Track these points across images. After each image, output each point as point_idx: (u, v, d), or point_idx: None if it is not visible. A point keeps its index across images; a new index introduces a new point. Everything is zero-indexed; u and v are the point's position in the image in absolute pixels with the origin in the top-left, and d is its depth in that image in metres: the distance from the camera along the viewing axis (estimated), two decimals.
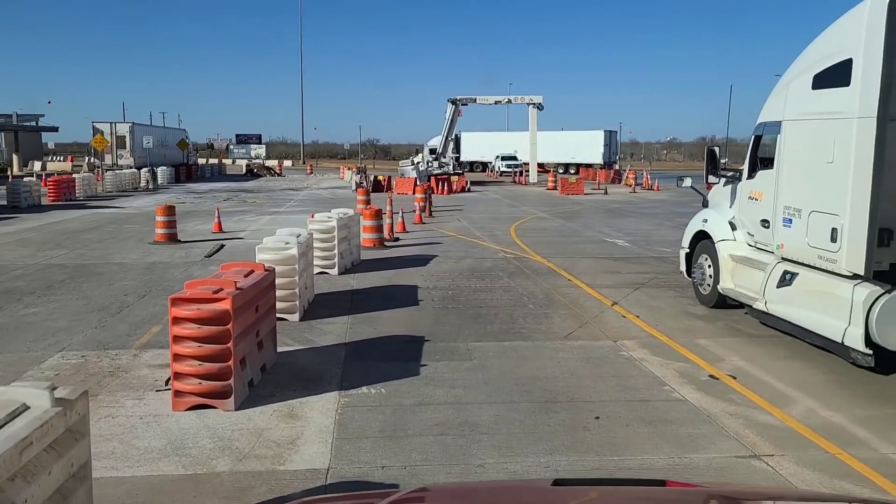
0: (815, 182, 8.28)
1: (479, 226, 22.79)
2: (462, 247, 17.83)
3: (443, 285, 12.75)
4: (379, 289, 12.53)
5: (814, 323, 8.04)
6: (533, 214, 27.05)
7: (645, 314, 10.59)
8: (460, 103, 44.62)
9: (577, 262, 15.40)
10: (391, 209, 19.53)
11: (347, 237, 14.43)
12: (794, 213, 8.63)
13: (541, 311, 10.74)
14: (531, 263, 15.27)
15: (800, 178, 8.65)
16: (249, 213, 26.78)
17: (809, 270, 8.35)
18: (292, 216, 25.90)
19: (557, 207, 30.24)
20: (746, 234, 10.14)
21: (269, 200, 33.90)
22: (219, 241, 18.58)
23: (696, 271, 11.26)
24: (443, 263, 15.17)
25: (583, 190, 38.79)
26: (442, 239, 19.35)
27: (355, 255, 15.08)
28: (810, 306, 8.16)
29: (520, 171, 58.23)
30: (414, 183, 38.10)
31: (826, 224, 7.92)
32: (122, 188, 39.89)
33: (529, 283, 12.95)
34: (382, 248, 17.36)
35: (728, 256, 10.31)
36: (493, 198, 36.59)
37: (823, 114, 8.08)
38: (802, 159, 8.60)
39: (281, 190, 42.40)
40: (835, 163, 7.81)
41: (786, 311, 8.61)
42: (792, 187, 8.79)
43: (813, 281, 8.23)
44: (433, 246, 17.92)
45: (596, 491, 2.57)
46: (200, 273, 13.73)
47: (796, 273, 8.56)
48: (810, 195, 8.37)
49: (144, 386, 7.30)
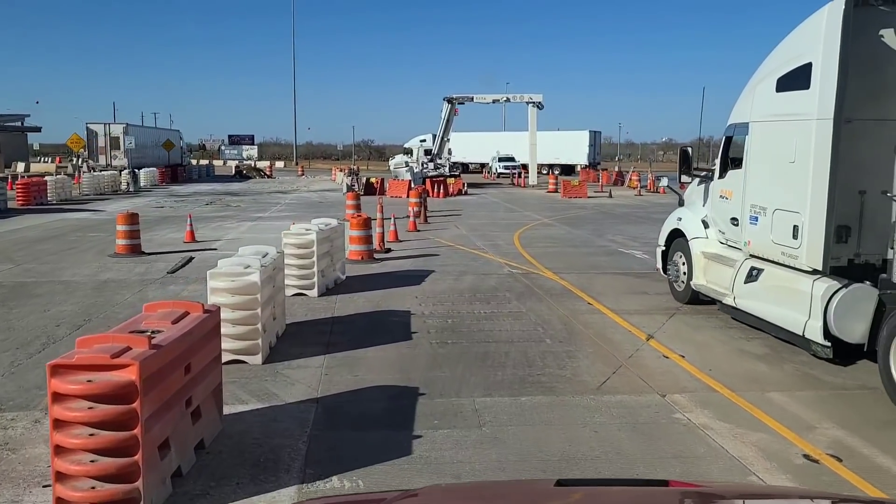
0: (779, 181, 8.60)
1: (479, 233, 20.80)
2: (461, 259, 15.84)
3: (440, 310, 10.76)
4: (365, 315, 10.53)
5: (777, 317, 8.43)
6: (536, 220, 25.08)
7: (691, 353, 8.61)
8: (457, 102, 42.67)
9: (594, 280, 13.43)
10: (382, 217, 17.50)
11: (330, 252, 12.43)
12: (760, 211, 8.93)
13: (562, 349, 8.75)
14: (541, 281, 13.29)
15: (765, 178, 8.95)
16: (230, 219, 24.75)
17: (774, 266, 8.69)
18: (276, 223, 23.88)
19: (561, 212, 28.27)
20: (718, 231, 10.39)
21: (254, 204, 31.86)
22: (188, 253, 16.55)
23: (671, 268, 11.50)
24: (440, 281, 13.17)
25: (586, 193, 36.83)
26: (439, 250, 17.36)
27: (339, 272, 13.07)
28: (774, 301, 8.53)
29: (518, 172, 56.37)
30: (408, 186, 36.11)
31: (788, 221, 8.23)
32: (100, 191, 37.77)
33: (543, 308, 10.96)
34: (372, 261, 15.36)
35: (700, 254, 10.57)
36: (491, 201, 34.61)
37: (786, 115, 8.37)
38: (767, 159, 8.89)
39: (268, 193, 40.35)
40: (796, 162, 8.10)
41: (752, 306, 8.99)
42: (758, 186, 9.07)
43: (777, 276, 8.57)
44: (429, 259, 15.92)
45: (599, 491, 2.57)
46: (157, 295, 11.72)
47: (762, 269, 8.90)
48: (774, 194, 8.68)
49: (31, 476, 5.28)
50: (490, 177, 61.04)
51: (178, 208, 29.66)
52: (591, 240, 19.54)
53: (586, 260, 15.76)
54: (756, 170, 9.17)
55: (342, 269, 13.27)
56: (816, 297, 7.69)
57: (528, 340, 9.13)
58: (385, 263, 15.28)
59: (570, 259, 16.02)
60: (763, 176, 9.01)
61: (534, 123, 44.73)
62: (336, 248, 12.83)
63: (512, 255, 16.58)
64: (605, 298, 11.68)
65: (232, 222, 23.84)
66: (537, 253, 16.77)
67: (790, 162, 8.24)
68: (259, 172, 61.72)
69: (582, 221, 24.64)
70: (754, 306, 8.97)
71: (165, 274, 13.88)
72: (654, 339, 9.23)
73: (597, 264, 15.09)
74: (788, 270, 8.40)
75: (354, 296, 11.83)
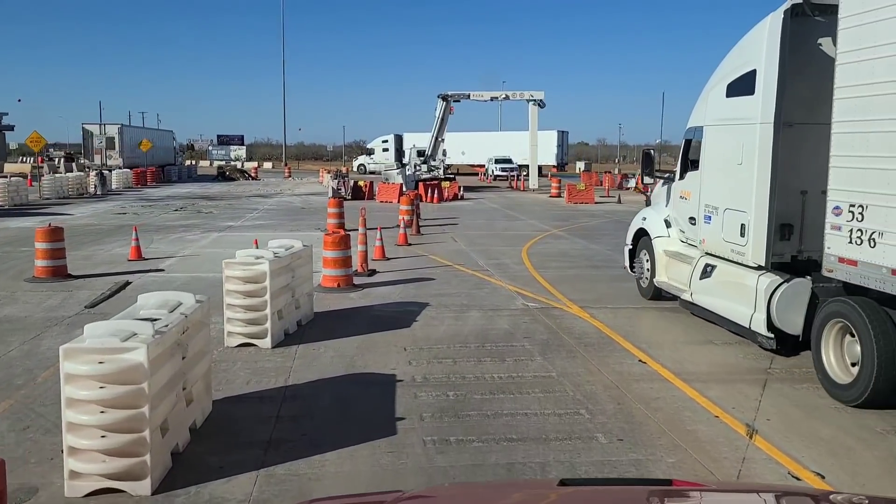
0: (729, 182, 9.04)
1: (481, 248, 17.76)
2: (462, 286, 12.79)
3: (437, 374, 7.72)
4: (331, 385, 7.47)
5: (728, 311, 8.86)
6: (543, 231, 22.05)
7: (829, 465, 5.58)
8: (452, 100, 39.61)
9: (636, 319, 10.43)
10: (364, 231, 14.42)
11: (291, 286, 9.38)
12: (713, 211, 9.33)
13: (626, 457, 5.70)
14: (568, 320, 10.26)
15: (717, 179, 9.39)
16: (195, 230, 21.63)
17: (725, 263, 9.07)
18: (247, 233, 20.81)
19: (570, 221, 25.25)
20: (679, 231, 10.69)
21: (228, 210, 28.74)
22: (127, 276, 13.47)
23: (637, 266, 11.81)
24: (436, 322, 10.13)
25: (593, 198, 33.83)
26: (434, 272, 14.31)
27: (306, 309, 10.01)
28: (725, 296, 8.96)
29: (515, 175, 53.39)
30: (399, 190, 33.09)
31: (737, 220, 8.68)
32: (62, 194, 34.54)
33: (580, 370, 7.93)
34: (351, 289, 12.30)
35: (662, 252, 10.88)
36: (490, 207, 31.57)
37: (734, 119, 8.85)
38: (719, 161, 9.31)
39: (248, 197, 37.22)
40: (743, 164, 8.58)
41: (707, 301, 9.40)
42: (711, 187, 9.51)
43: (727, 273, 8.97)
44: (422, 285, 12.87)
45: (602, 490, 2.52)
46: (53, 344, 8.62)
47: (715, 266, 9.28)
48: (725, 194, 9.10)
49: None
50: (486, 179, 58.02)
51: (142, 215, 26.52)
52: (614, 258, 16.48)
53: (617, 288, 12.72)
54: (709, 171, 9.62)
55: (309, 305, 10.19)
56: (761, 292, 8.11)
57: (571, 436, 6.07)
58: (367, 292, 12.22)
59: (596, 285, 12.99)
60: (715, 177, 9.46)
61: (534, 122, 41.74)
62: (300, 280, 9.76)
63: (523, 279, 13.54)
64: (659, 351, 8.65)
65: (196, 233, 20.73)
66: (554, 277, 13.73)
67: (738, 164, 8.69)
68: (243, 174, 58.51)
69: (596, 233, 21.60)
70: (708, 301, 9.40)
71: (84, 308, 10.80)
72: (758, 434, 6.18)
73: (632, 294, 12.06)
74: (737, 267, 8.81)
75: (322, 347, 8.77)
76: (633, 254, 12.05)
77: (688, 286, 9.88)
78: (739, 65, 8.79)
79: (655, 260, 11.04)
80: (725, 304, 8.94)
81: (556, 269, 14.74)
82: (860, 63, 6.73)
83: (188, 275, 13.53)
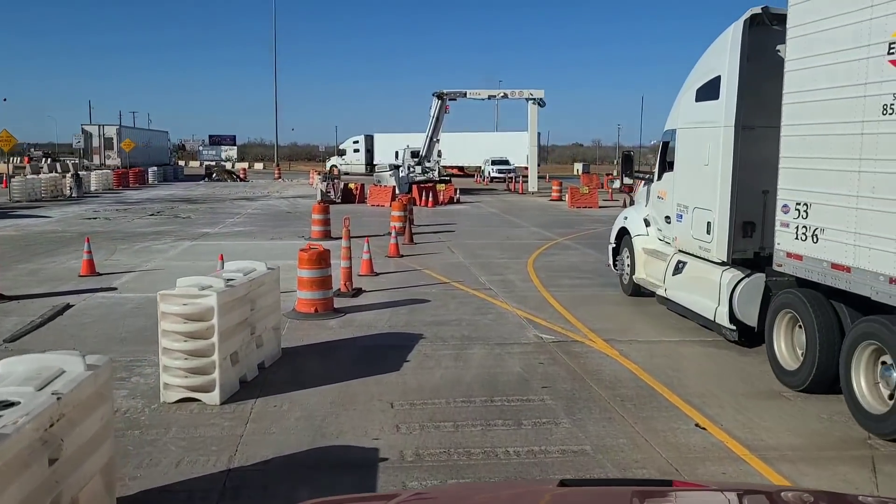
0: (697, 182, 9.45)
1: (481, 261, 15.85)
2: (462, 310, 10.89)
3: (434, 449, 5.79)
4: (289, 468, 5.53)
5: (696, 304, 9.26)
6: (548, 239, 20.15)
7: None
8: (448, 98, 37.71)
9: (679, 358, 8.54)
10: (348, 244, 12.46)
11: (250, 321, 7.45)
12: (684, 210, 9.78)
13: None
14: (593, 359, 8.37)
15: (687, 179, 9.81)
16: (166, 237, 19.66)
17: (694, 259, 9.55)
18: (224, 242, 18.92)
19: (575, 228, 23.35)
20: (657, 229, 11.03)
21: (207, 215, 26.77)
22: (70, 296, 11.52)
23: (619, 264, 12.20)
24: (431, 363, 8.21)
25: (597, 202, 31.94)
26: (429, 291, 12.40)
27: (271, 347, 8.08)
28: (694, 290, 9.39)
29: (513, 176, 51.53)
30: (392, 193, 31.15)
31: (703, 218, 9.10)
32: (34, 197, 32.52)
33: (622, 442, 6.00)
34: (330, 314, 10.38)
35: (641, 250, 11.31)
36: (488, 212, 29.67)
37: (702, 123, 9.25)
38: (689, 162, 9.71)
39: (232, 200, 35.23)
40: (709, 165, 8.95)
41: (679, 296, 9.83)
42: (683, 187, 9.94)
43: (696, 268, 9.41)
44: (415, 309, 10.96)
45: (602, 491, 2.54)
46: None
47: (686, 262, 9.74)
48: (694, 193, 9.53)
49: None
50: (483, 181, 56.13)
51: (114, 220, 24.56)
52: None
53: (644, 312, 10.83)
54: (681, 172, 10.00)
55: (275, 341, 8.26)
56: (724, 286, 8.50)
57: None
58: (350, 318, 10.30)
59: (619, 310, 11.11)
60: (686, 177, 9.81)
61: (534, 122, 39.86)
62: (263, 311, 7.83)
63: (532, 300, 11.63)
64: (719, 410, 6.74)
65: (166, 241, 18.76)
66: (568, 298, 11.83)
67: (704, 165, 9.09)
68: (231, 175, 56.46)
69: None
70: (680, 296, 9.77)
71: (1, 342, 8.86)
72: None
73: (666, 323, 10.17)
74: (705, 263, 9.16)
75: (285, 402, 6.84)
76: (616, 252, 12.44)
77: (662, 282, 10.34)
78: (706, 71, 9.27)
79: (635, 257, 11.43)
80: (694, 299, 9.33)
81: (569, 288, 12.84)
82: (804, 70, 7.15)
83: (143, 295, 11.58)
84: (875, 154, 6.12)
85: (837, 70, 6.64)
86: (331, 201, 32.70)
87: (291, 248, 17.78)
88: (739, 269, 8.53)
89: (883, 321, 6.04)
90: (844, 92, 6.53)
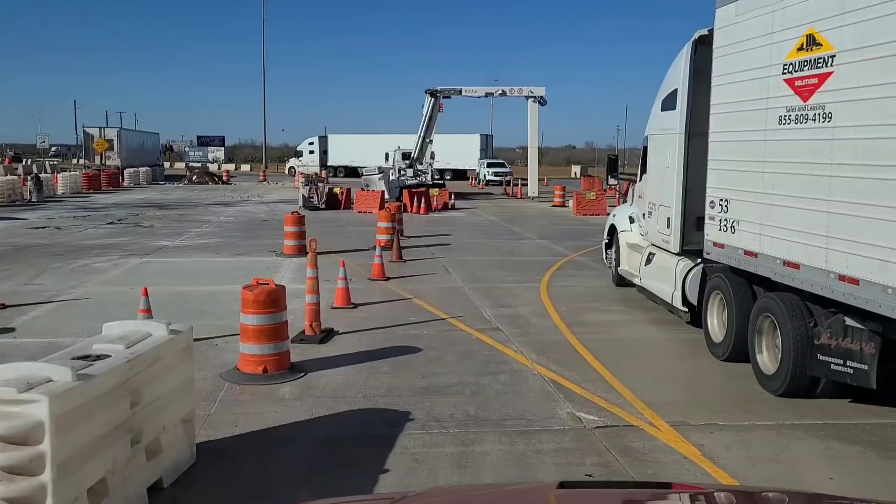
0: (662, 182, 10.30)
1: (484, 285, 13.07)
2: (464, 369, 8.06)
3: None
4: None
5: (660, 291, 10.28)
6: (559, 255, 17.38)
7: None
8: (441, 95, 34.94)
9: (794, 460, 5.76)
10: (315, 273, 9.61)
11: (131, 424, 4.61)
12: (653, 207, 10.67)
13: None
14: (668, 467, 5.56)
15: (655, 180, 10.70)
16: (114, 252, 16.80)
17: (659, 251, 10.52)
18: (178, 258, 16.16)
19: (587, 239, 20.54)
20: (639, 225, 11.83)
21: (174, 223, 23.88)
22: None
23: (609, 257, 13.40)
24: (421, 474, 5.37)
25: (605, 209, 29.11)
26: (420, 334, 9.60)
27: (175, 452, 5.24)
28: (658, 278, 10.43)
29: (510, 180, 48.88)
30: (381, 198, 28.36)
31: (665, 214, 10.03)
32: None
33: None
34: (284, 375, 7.57)
35: (625, 244, 12.28)
36: (487, 220, 26.87)
37: (665, 130, 10.22)
38: (657, 165, 10.64)
39: (207, 205, 32.33)
40: (669, 167, 9.87)
41: (649, 284, 10.81)
42: (653, 186, 10.81)
43: (660, 259, 10.41)
44: (399, 365, 8.14)
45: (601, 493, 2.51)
46: None
47: (654, 254, 10.70)
48: (659, 193, 10.39)
49: None
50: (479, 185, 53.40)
51: (64, 230, 21.66)
52: None
53: (708, 365, 8.04)
54: (651, 174, 11.00)
55: (183, 442, 5.41)
56: (678, 273, 9.59)
57: None
58: (310, 383, 7.48)
59: (679, 365, 8.38)
60: (655, 178, 10.76)
61: (535, 122, 37.06)
62: (158, 405, 4.97)
63: (557, 350, 8.84)
64: None
65: (113, 258, 15.91)
66: (603, 345, 9.04)
67: (666, 167, 10.03)
68: (212, 178, 53.45)
69: None
70: (650, 284, 10.80)
71: None
72: None
73: (740, 382, 7.38)
74: (667, 254, 10.18)
75: None
76: (608, 246, 13.49)
77: (638, 272, 11.29)
78: (669, 84, 10.16)
79: (620, 251, 12.48)
80: (659, 286, 10.35)
81: (600, 328, 10.07)
82: (725, 85, 8.33)
83: (45, 341, 8.78)
84: (773, 158, 7.30)
85: (748, 86, 7.73)
86: (314, 207, 29.89)
87: (259, 266, 15.02)
88: (691, 259, 9.47)
89: (775, 297, 7.26)
90: (753, 105, 7.64)
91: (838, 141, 6.33)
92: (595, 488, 2.85)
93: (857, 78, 6.10)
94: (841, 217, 6.24)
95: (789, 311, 6.90)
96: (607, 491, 2.58)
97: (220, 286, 12.75)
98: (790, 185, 6.97)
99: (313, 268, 9.50)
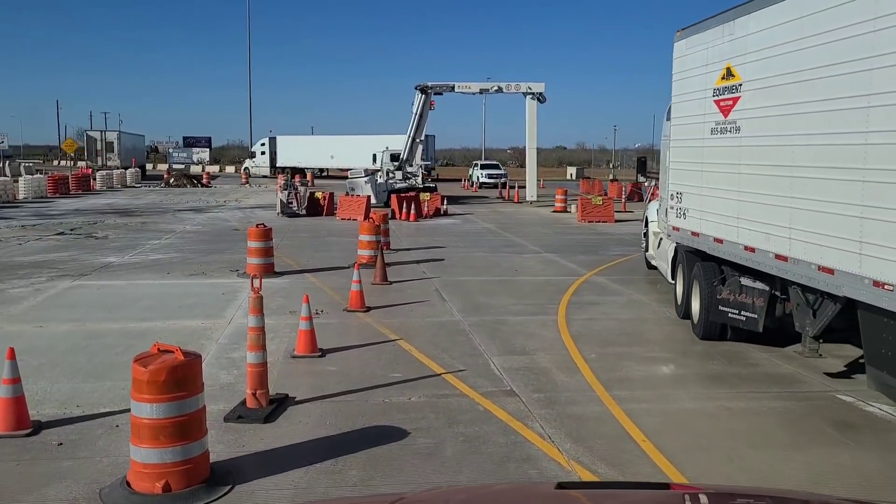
0: (664, 181, 11.73)
1: (488, 318, 10.44)
2: (468, 478, 5.42)
3: None
4: None
5: (662, 268, 12.59)
6: (573, 273, 14.76)
7: None
8: (433, 92, 32.34)
9: None
10: (261, 322, 6.93)
11: None
12: (663, 201, 11.98)
13: None
14: None
15: (665, 178, 11.73)
16: (47, 271, 14.10)
17: (665, 237, 12.00)
18: (116, 282, 13.42)
19: (600, 252, 17.97)
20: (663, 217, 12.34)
21: (131, 234, 21.11)
22: None
23: (643, 244, 15.24)
24: None
25: (612, 215, 26.55)
26: (405, 403, 6.94)
27: None
28: (662, 258, 12.52)
29: (504, 182, 46.37)
30: (366, 204, 25.72)
31: (664, 207, 11.58)
32: None
33: None
34: (198, 494, 4.90)
35: (652, 233, 14.00)
36: (483, 228, 24.24)
37: (667, 136, 11.56)
38: (664, 165, 11.90)
39: (177, 211, 29.56)
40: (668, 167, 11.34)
41: (658, 263, 13.19)
42: (663, 184, 11.95)
43: (664, 243, 12.30)
44: (374, 469, 5.48)
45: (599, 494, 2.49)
46: None
47: (662, 238, 12.55)
48: (665, 189, 11.57)
49: None
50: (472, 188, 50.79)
51: (3, 242, 18.82)
52: (754, 353, 9.16)
53: (806, 466, 5.47)
54: (663, 173, 12.15)
55: None
56: (669, 253, 11.46)
57: None
58: None
59: (777, 456, 5.72)
60: (664, 177, 11.85)
61: (533, 120, 34.45)
62: None
63: (600, 433, 6.21)
64: None
65: (39, 279, 13.20)
66: (665, 430, 6.42)
67: (666, 167, 11.41)
68: (191, 180, 50.59)
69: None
70: (658, 263, 13.14)
71: None
72: None
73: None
74: (667, 239, 11.63)
75: None
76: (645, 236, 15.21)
77: (654, 254, 13.68)
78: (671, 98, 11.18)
79: (649, 239, 14.48)
80: (661, 264, 12.74)
81: (652, 390, 7.44)
82: (681, 103, 10.47)
83: None
84: (708, 160, 9.46)
85: (693, 104, 9.89)
86: (293, 214, 27.20)
87: (212, 292, 12.37)
88: None
89: (700, 265, 9.53)
90: (696, 119, 9.79)
91: (744, 147, 8.48)
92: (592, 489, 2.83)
93: (753, 101, 8.27)
94: (746, 204, 8.32)
95: (705, 274, 9.27)
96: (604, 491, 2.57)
97: (154, 322, 10.09)
98: (718, 180, 9.12)
99: (257, 314, 6.78)
